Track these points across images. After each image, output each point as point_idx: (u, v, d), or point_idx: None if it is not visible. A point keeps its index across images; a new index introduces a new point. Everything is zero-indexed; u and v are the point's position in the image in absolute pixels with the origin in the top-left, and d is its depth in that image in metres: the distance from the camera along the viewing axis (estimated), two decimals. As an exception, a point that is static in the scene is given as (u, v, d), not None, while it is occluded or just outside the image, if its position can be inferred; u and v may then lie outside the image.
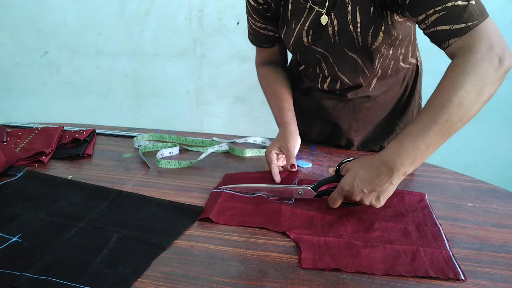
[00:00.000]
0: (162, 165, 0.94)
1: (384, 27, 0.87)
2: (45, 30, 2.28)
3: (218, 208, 0.75)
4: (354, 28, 0.89)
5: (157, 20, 2.22)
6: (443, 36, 0.75)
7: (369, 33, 0.88)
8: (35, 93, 2.40)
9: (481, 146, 2.23)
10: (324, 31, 0.93)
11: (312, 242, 0.66)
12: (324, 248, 0.65)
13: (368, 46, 0.91)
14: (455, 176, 0.96)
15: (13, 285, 0.54)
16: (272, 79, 1.10)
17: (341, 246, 0.66)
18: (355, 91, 1.04)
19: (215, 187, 0.84)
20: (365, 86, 1.02)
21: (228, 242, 0.66)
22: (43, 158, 0.94)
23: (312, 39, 0.95)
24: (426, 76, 1.19)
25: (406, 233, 0.69)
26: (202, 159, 0.97)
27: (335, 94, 1.06)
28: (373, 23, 0.87)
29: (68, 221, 0.69)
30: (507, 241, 0.70)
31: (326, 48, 0.96)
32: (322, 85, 1.04)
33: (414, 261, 0.62)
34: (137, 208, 0.75)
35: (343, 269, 0.60)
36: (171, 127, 1.24)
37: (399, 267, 0.61)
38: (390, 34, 0.89)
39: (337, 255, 0.63)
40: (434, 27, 0.76)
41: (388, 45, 0.92)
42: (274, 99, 1.06)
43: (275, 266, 0.61)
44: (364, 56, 0.94)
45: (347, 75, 0.99)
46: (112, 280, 0.56)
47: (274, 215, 0.73)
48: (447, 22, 0.74)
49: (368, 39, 0.89)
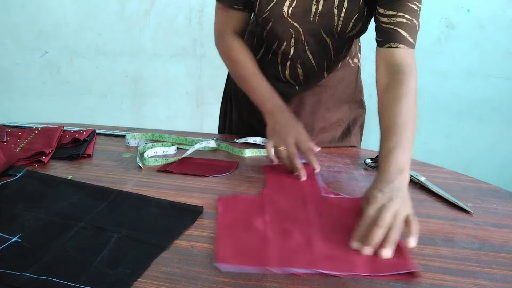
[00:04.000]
0: (149, 163, 0.95)
1: (364, 18, 0.93)
2: (45, 30, 2.28)
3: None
4: (338, 12, 0.91)
5: (157, 20, 2.22)
6: (397, 37, 0.87)
7: (351, 20, 0.92)
8: (35, 93, 2.40)
9: (481, 146, 2.23)
10: (307, 7, 0.91)
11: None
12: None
13: (346, 33, 0.94)
14: (455, 176, 0.96)
15: (13, 285, 0.54)
16: (247, 55, 1.00)
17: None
18: (316, 83, 1.07)
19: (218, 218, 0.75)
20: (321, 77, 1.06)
21: (228, 242, 0.66)
22: (43, 158, 0.94)
23: (292, 11, 0.92)
24: (426, 76, 1.19)
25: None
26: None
27: (292, 86, 1.06)
28: (358, 12, 0.91)
29: (68, 221, 0.69)
30: (507, 241, 0.70)
31: (302, 25, 0.94)
32: (284, 72, 1.03)
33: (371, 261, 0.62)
34: (137, 208, 0.75)
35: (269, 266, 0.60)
36: (171, 127, 1.24)
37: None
38: (364, 27, 0.95)
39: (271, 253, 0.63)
40: (396, 26, 0.86)
41: (355, 36, 0.98)
42: (254, 77, 0.98)
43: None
44: (336, 41, 0.97)
45: (315, 56, 0.99)
46: (112, 280, 0.56)
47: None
48: (406, 30, 0.86)
49: (349, 26, 0.92)
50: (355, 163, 1.00)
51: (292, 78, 1.07)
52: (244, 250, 0.64)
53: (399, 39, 0.86)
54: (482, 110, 2.18)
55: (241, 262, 0.61)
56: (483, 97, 2.15)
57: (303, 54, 0.99)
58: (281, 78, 1.07)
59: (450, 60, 2.10)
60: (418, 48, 1.12)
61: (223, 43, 1.02)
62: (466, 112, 2.19)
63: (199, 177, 0.90)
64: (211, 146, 1.05)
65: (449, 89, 2.14)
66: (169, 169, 0.92)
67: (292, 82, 1.08)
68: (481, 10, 2.03)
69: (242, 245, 0.66)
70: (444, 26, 2.06)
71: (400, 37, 0.86)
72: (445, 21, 2.05)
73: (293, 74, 1.05)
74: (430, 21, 2.00)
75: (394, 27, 0.86)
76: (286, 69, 1.02)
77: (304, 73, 1.04)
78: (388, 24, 0.87)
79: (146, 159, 0.95)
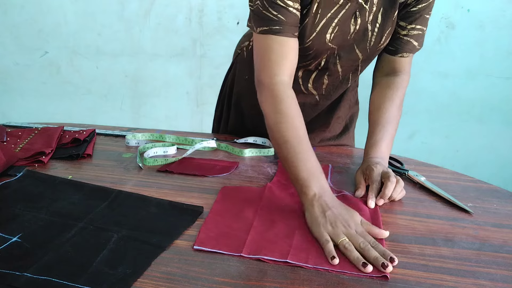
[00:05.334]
0: (149, 163, 0.95)
1: (393, 33, 0.94)
2: (45, 30, 2.28)
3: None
4: (372, 28, 0.90)
5: (157, 20, 2.22)
6: (410, 48, 0.95)
7: (384, 34, 0.92)
8: (35, 93, 2.40)
9: (481, 146, 2.23)
10: (346, 29, 0.88)
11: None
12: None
13: (378, 47, 0.94)
14: (455, 176, 0.96)
15: (13, 285, 0.54)
16: (298, 115, 0.81)
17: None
18: (337, 93, 1.07)
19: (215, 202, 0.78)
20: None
21: (228, 242, 0.66)
22: (43, 158, 0.94)
23: (333, 36, 0.88)
24: (426, 76, 1.19)
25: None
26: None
27: (312, 96, 1.05)
28: (390, 26, 0.91)
29: (68, 221, 0.69)
30: (507, 241, 0.70)
31: (339, 44, 0.91)
32: (306, 85, 1.01)
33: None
34: (137, 208, 0.75)
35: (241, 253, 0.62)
36: (171, 127, 1.24)
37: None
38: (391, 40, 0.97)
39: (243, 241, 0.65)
40: (411, 38, 0.94)
41: (384, 49, 0.97)
42: (303, 147, 0.78)
43: (275, 266, 0.61)
44: (367, 55, 0.96)
45: (344, 68, 0.98)
46: (112, 280, 0.56)
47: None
48: (418, 40, 0.95)
49: (382, 40, 0.92)
50: (355, 163, 1.00)
51: (315, 88, 1.03)
52: (224, 235, 0.67)
53: (410, 49, 0.95)
54: (482, 110, 2.18)
55: (217, 247, 0.64)
56: (483, 97, 2.15)
57: (333, 67, 0.97)
58: (302, 90, 1.03)
59: (450, 60, 2.10)
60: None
61: (276, 88, 0.82)
62: (466, 112, 2.19)
63: (199, 177, 0.90)
64: (211, 146, 1.05)
65: (449, 89, 2.14)
66: (169, 169, 0.92)
67: (314, 92, 1.04)
68: (481, 10, 2.03)
69: (224, 230, 0.69)
70: (444, 26, 2.06)
71: (412, 48, 0.95)
72: (445, 21, 2.05)
73: (316, 84, 1.02)
74: (430, 21, 1.99)
75: (409, 39, 0.93)
76: (309, 80, 1.00)
77: (328, 84, 1.02)
78: (404, 36, 0.94)
79: (146, 159, 0.95)
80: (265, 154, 1.04)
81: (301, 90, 1.03)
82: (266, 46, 0.83)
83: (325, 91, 1.04)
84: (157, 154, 1.01)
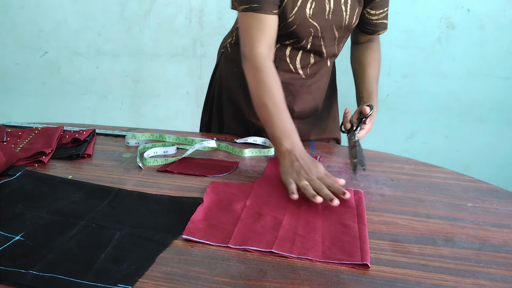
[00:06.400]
0: (149, 163, 0.95)
1: (367, 20, 1.12)
2: (45, 30, 2.28)
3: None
4: (345, 8, 1.03)
5: (157, 20, 2.22)
6: (384, 26, 1.14)
7: (354, 13, 1.05)
8: (35, 93, 2.40)
9: (481, 146, 2.24)
10: (322, 6, 1.00)
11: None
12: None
13: (351, 26, 1.07)
14: (455, 176, 0.96)
15: (19, 283, 0.54)
16: (277, 83, 0.94)
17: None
18: (320, 71, 1.14)
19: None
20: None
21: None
22: (43, 158, 0.94)
23: (312, 12, 0.99)
24: (426, 76, 1.20)
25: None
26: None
27: (297, 74, 1.11)
28: (358, 6, 1.05)
29: (69, 220, 0.69)
30: (507, 241, 0.70)
31: (320, 23, 1.02)
32: (293, 61, 1.08)
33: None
34: (137, 206, 0.75)
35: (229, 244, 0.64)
36: (171, 127, 1.24)
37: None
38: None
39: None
40: (383, 19, 1.12)
41: (354, 28, 1.11)
42: (279, 110, 0.91)
43: (275, 266, 0.61)
44: (342, 34, 1.08)
45: (327, 49, 1.09)
46: (117, 276, 0.56)
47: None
48: (387, 18, 1.13)
49: (353, 20, 1.05)
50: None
51: (302, 68, 1.11)
52: (212, 227, 0.69)
53: (384, 27, 1.15)
54: (482, 110, 2.18)
55: (205, 238, 0.66)
56: (483, 97, 2.15)
57: (318, 48, 1.07)
58: (291, 69, 1.10)
59: (450, 60, 2.10)
60: (418, 48, 1.13)
61: (255, 58, 0.94)
62: (466, 112, 2.19)
63: (199, 177, 0.90)
64: (211, 146, 1.05)
65: (449, 89, 2.14)
66: (169, 169, 0.92)
67: (300, 72, 1.11)
68: (481, 10, 2.03)
69: (212, 223, 0.71)
70: (444, 26, 2.06)
71: (385, 26, 1.15)
72: (445, 21, 2.05)
73: (303, 63, 1.10)
74: (430, 21, 2.00)
75: (382, 20, 1.13)
76: (297, 59, 1.08)
77: (314, 63, 1.11)
78: (377, 20, 1.12)
79: (146, 159, 0.95)
80: (265, 154, 1.04)
81: (290, 69, 1.10)
82: (246, 23, 0.96)
83: (309, 70, 1.12)
84: (157, 154, 1.01)
